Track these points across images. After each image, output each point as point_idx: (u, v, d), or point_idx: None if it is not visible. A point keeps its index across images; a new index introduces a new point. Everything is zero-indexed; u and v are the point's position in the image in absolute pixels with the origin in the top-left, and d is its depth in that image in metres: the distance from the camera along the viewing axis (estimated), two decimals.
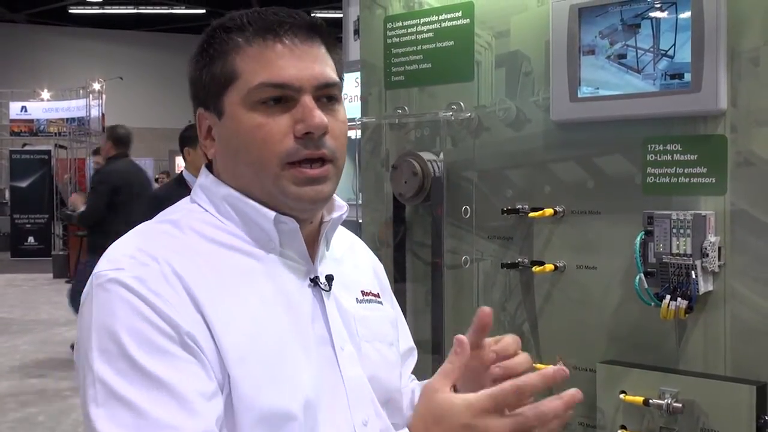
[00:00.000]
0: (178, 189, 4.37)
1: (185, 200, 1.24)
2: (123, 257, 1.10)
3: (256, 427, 1.06)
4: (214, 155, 1.21)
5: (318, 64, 1.16)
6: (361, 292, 1.30)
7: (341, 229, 1.34)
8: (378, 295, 1.34)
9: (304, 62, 1.15)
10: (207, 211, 1.19)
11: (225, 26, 1.18)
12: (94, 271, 1.10)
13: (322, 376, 1.14)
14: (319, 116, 1.13)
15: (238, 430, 1.06)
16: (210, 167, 1.24)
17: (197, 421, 1.01)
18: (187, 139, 4.59)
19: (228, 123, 1.17)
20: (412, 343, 1.47)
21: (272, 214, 1.16)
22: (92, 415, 1.02)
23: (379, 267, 1.44)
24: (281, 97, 1.14)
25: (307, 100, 1.14)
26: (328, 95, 1.17)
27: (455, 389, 1.05)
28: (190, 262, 1.10)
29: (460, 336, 1.07)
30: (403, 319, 1.47)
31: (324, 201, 1.19)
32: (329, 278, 1.21)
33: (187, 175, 4.50)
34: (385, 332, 1.31)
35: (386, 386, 1.26)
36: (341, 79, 1.23)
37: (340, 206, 1.27)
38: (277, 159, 1.13)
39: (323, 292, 1.20)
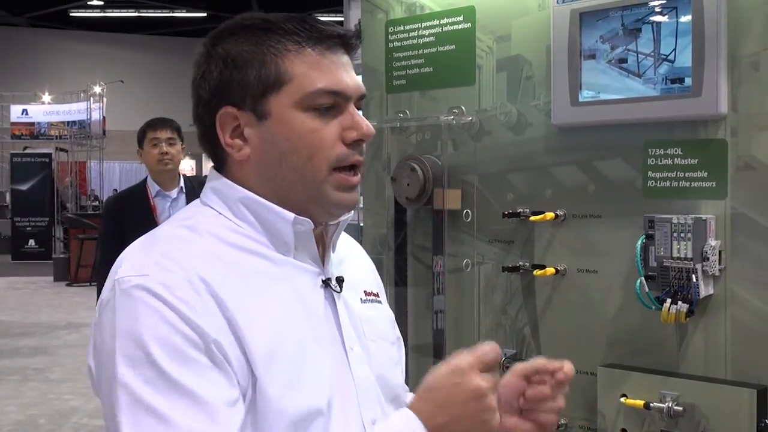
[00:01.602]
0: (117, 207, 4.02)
1: (195, 203, 1.24)
2: (146, 263, 1.10)
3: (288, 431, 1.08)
4: (245, 156, 1.18)
5: (355, 74, 1.21)
6: (364, 292, 1.32)
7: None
8: (377, 295, 1.36)
9: (350, 72, 1.19)
10: (221, 214, 1.19)
11: (262, 27, 1.17)
12: (116, 276, 1.10)
13: (335, 377, 1.16)
14: (367, 125, 1.18)
15: None
16: (218, 169, 1.23)
17: (221, 428, 1.03)
18: (138, 140, 4.18)
19: (275, 125, 1.16)
20: (398, 332, 1.48)
21: (291, 215, 1.17)
22: (118, 420, 1.03)
23: (374, 268, 1.47)
24: (333, 105, 1.17)
25: (353, 108, 1.19)
26: (359, 105, 1.22)
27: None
28: (212, 267, 1.11)
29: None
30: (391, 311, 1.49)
31: (354, 207, 1.23)
32: (340, 280, 1.23)
33: (150, 182, 4.06)
34: (387, 331, 1.33)
35: (392, 384, 1.28)
36: None
37: None
38: (326, 164, 1.16)
39: (334, 294, 1.22)
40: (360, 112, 1.22)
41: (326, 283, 1.22)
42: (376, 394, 1.23)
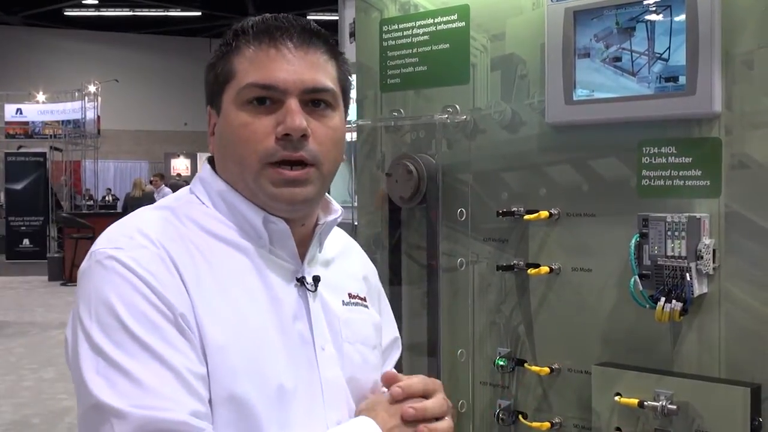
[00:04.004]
0: None
1: (184, 190, 1.27)
2: (122, 237, 1.13)
3: (222, 406, 1.08)
4: (212, 150, 1.25)
5: (311, 69, 1.18)
6: (348, 294, 1.32)
7: (338, 232, 1.36)
8: (365, 299, 1.36)
9: (295, 66, 1.17)
10: (203, 203, 1.22)
11: (234, 30, 1.22)
12: (93, 248, 1.13)
13: (299, 374, 1.16)
14: (299, 119, 1.16)
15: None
16: (212, 161, 1.27)
17: (194, 397, 1.04)
18: None
19: (222, 120, 1.21)
20: (396, 334, 1.49)
21: (261, 214, 1.18)
22: (91, 384, 1.04)
23: (372, 273, 1.46)
24: (268, 98, 1.17)
25: (292, 103, 1.16)
26: (317, 100, 1.19)
27: None
28: (183, 250, 1.13)
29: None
30: (390, 315, 1.49)
31: (303, 203, 1.20)
32: (316, 279, 1.23)
33: None
34: (368, 335, 1.33)
35: (364, 388, 1.27)
36: (345, 87, 1.25)
37: (335, 210, 1.29)
38: (257, 158, 1.16)
39: (309, 293, 1.22)
40: (327, 108, 1.20)
41: (301, 281, 1.21)
42: (345, 396, 1.22)
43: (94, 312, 1.07)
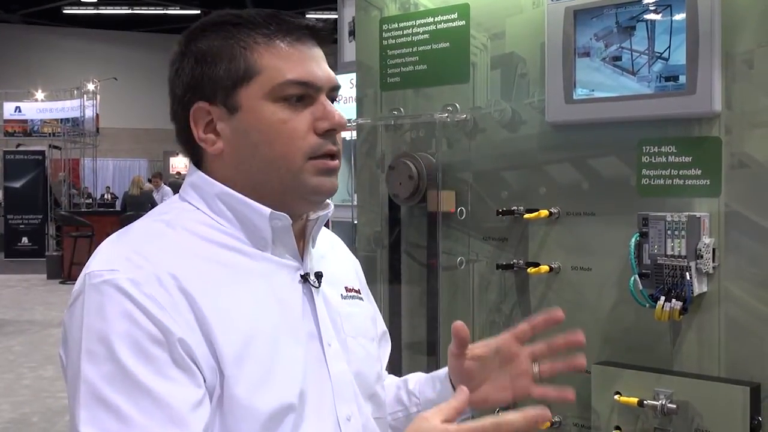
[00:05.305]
0: None
1: (175, 198, 1.25)
2: (118, 258, 1.10)
3: (253, 425, 1.07)
4: (218, 150, 1.20)
5: (327, 66, 1.22)
6: (345, 288, 1.33)
7: (322, 228, 1.36)
8: (359, 291, 1.37)
9: (321, 64, 1.21)
10: (198, 209, 1.20)
11: (233, 22, 1.20)
12: (87, 269, 1.10)
13: (310, 372, 1.16)
14: (339, 114, 1.19)
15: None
16: (197, 165, 1.24)
17: (181, 430, 1.02)
18: None
19: (246, 117, 1.18)
20: (384, 328, 1.49)
21: (267, 210, 1.17)
22: (76, 415, 1.02)
23: (358, 265, 1.47)
24: (303, 95, 1.18)
25: (324, 99, 1.20)
26: (333, 97, 1.23)
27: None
28: (185, 262, 1.11)
29: (463, 387, 1.15)
30: (377, 308, 1.49)
31: (334, 193, 1.23)
32: (318, 275, 1.23)
33: None
34: (367, 328, 1.34)
35: (370, 381, 1.28)
36: None
37: (326, 204, 1.29)
38: (301, 154, 1.17)
39: (313, 289, 1.22)
40: (334, 104, 1.23)
41: (305, 278, 1.21)
42: (353, 390, 1.23)
43: (85, 340, 1.05)
